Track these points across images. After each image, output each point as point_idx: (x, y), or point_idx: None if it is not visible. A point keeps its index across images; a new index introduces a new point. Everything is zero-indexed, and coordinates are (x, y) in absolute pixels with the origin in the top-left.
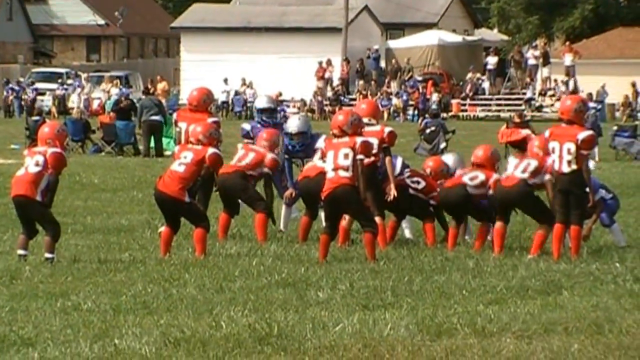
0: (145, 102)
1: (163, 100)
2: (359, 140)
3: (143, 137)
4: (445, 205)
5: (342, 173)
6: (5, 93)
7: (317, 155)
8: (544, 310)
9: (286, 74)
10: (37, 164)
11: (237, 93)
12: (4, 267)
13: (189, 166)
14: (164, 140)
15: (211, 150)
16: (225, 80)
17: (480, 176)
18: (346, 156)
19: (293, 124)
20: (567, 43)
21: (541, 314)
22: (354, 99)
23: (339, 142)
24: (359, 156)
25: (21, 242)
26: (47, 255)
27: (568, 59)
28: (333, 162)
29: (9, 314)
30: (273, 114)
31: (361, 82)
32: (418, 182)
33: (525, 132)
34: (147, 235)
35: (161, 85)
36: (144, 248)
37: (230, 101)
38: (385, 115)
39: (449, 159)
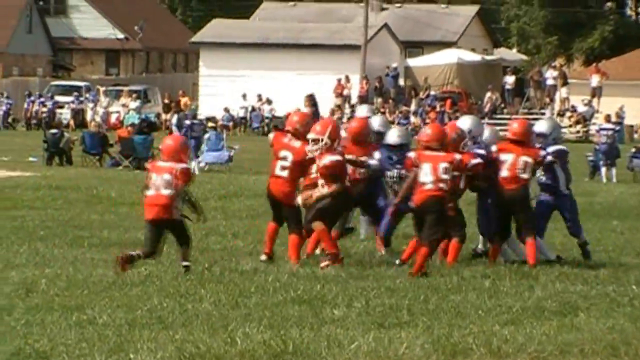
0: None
1: None
2: (457, 157)
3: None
4: (505, 204)
5: (442, 185)
6: (26, 106)
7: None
8: (560, 331)
9: (304, 91)
10: (168, 185)
11: (254, 109)
12: (20, 280)
13: (291, 171)
14: None
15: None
16: (244, 96)
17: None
18: (445, 170)
19: (394, 135)
20: (595, 64)
21: (557, 335)
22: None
23: (438, 155)
24: (454, 173)
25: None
26: (184, 263)
27: (595, 80)
28: (433, 174)
29: (24, 327)
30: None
31: (379, 99)
32: None
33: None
34: (164, 250)
35: (183, 100)
36: (160, 263)
37: (248, 117)
38: None
39: (465, 122)
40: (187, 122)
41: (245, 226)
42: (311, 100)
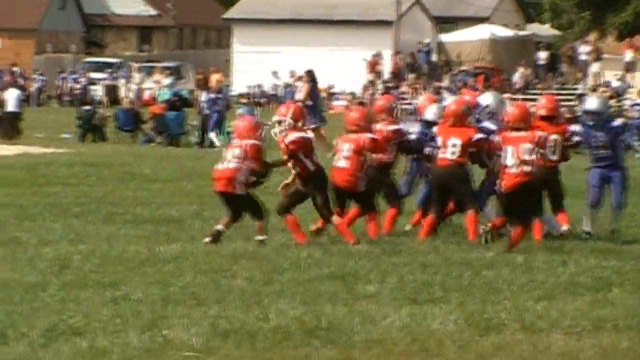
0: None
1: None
2: (540, 133)
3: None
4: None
5: (526, 168)
6: (58, 82)
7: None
8: (594, 306)
9: (337, 67)
10: (234, 157)
11: (287, 85)
12: (54, 256)
13: (352, 158)
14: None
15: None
16: (275, 73)
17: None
18: (529, 151)
19: (431, 112)
20: (628, 39)
21: (590, 310)
22: (405, 93)
23: (519, 136)
24: (542, 150)
25: (224, 220)
26: (258, 237)
27: (629, 55)
28: (515, 156)
29: (58, 303)
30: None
31: (412, 75)
32: None
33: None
34: (197, 226)
35: (216, 77)
36: (193, 239)
37: (280, 94)
38: None
39: (486, 98)
40: (212, 95)
41: (277, 202)
42: (310, 75)
